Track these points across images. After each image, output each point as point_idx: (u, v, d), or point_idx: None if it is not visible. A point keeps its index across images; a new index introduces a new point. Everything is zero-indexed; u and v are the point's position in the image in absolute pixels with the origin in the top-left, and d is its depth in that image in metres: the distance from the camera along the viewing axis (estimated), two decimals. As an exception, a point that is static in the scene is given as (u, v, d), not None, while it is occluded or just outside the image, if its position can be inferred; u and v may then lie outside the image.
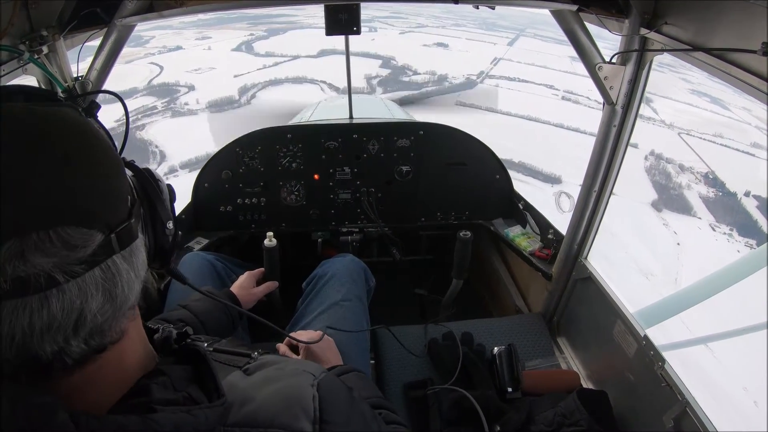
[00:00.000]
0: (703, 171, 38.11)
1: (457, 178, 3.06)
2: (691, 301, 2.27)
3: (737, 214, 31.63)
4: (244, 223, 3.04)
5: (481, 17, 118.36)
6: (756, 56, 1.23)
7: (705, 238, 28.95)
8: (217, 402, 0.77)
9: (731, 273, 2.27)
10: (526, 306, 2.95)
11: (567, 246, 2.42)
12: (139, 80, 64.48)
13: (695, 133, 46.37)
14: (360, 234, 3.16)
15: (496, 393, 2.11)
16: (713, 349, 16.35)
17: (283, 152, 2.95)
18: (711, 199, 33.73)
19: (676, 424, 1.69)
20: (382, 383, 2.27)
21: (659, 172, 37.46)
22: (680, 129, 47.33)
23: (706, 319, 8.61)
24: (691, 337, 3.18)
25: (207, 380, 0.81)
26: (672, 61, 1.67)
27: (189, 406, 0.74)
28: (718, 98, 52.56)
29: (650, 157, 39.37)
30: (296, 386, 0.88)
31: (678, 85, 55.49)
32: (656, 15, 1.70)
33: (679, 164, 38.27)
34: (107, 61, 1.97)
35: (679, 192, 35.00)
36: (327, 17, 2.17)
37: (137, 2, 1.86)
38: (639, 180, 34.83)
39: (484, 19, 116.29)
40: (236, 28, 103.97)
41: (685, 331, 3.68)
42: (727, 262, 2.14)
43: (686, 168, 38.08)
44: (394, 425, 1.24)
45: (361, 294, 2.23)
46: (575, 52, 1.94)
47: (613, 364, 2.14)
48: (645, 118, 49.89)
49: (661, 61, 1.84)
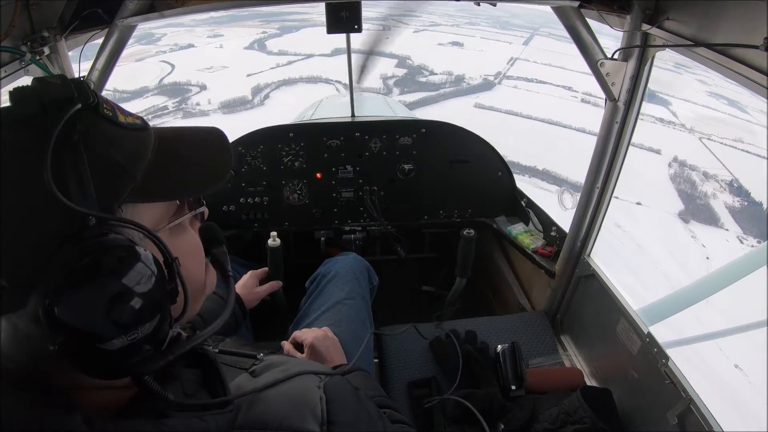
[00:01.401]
0: (727, 179, 37.60)
1: (460, 175, 3.06)
2: (694, 298, 2.27)
3: (763, 224, 31.31)
4: (247, 223, 3.04)
5: (494, 16, 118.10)
6: (758, 52, 1.22)
7: (734, 251, 28.36)
8: (226, 408, 0.78)
9: (734, 270, 2.27)
10: (529, 304, 2.95)
11: (570, 243, 2.42)
12: (150, 79, 63.98)
13: (716, 138, 45.68)
14: (363, 232, 3.16)
15: (500, 391, 2.10)
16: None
17: (285, 151, 2.95)
18: (737, 209, 33.48)
19: (680, 421, 1.69)
20: (386, 382, 2.27)
21: (684, 180, 37.04)
22: (701, 134, 46.61)
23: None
24: (696, 334, 3.16)
25: (216, 385, 0.82)
26: (687, 62, 1.66)
27: (200, 412, 0.74)
28: (736, 101, 51.90)
29: (674, 164, 39.01)
30: (303, 388, 0.89)
31: (695, 87, 54.77)
32: (658, 11, 1.69)
33: (703, 172, 37.79)
34: (109, 62, 1.98)
35: (705, 201, 34.60)
36: (328, 15, 2.17)
37: (138, 2, 1.86)
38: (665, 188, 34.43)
39: (497, 17, 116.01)
40: (249, 25, 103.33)
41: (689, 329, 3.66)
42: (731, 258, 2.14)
43: (711, 176, 37.60)
44: (399, 425, 1.24)
45: (364, 292, 2.23)
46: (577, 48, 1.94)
47: (617, 361, 2.14)
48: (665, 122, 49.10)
49: (678, 62, 1.83)
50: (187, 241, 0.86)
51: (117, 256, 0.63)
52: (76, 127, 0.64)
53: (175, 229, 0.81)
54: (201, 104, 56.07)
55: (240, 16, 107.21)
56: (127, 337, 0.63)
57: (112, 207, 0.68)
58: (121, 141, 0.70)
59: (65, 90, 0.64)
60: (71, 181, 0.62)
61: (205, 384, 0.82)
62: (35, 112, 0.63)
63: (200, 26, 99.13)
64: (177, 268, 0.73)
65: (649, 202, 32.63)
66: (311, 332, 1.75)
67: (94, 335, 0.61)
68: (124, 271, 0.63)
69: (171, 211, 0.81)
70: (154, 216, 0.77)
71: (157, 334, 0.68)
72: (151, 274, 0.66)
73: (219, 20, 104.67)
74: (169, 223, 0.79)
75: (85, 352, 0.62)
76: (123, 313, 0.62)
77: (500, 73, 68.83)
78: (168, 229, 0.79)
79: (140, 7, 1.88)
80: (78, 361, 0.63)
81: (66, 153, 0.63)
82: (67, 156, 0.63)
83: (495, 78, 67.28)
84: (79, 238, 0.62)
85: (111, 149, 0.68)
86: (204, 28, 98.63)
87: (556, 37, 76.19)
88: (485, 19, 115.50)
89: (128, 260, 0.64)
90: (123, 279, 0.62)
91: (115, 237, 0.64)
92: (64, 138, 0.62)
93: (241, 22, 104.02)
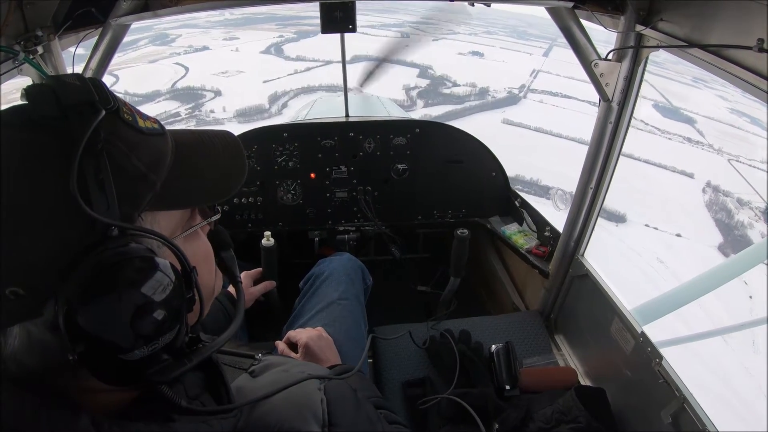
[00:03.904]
0: (761, 206, 36.92)
1: (454, 175, 3.06)
2: (688, 297, 2.28)
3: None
4: (241, 223, 3.04)
5: (510, 25, 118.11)
6: (752, 53, 1.23)
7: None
8: (230, 413, 0.79)
9: (728, 270, 2.28)
10: (523, 303, 2.96)
11: (564, 243, 2.43)
12: (163, 82, 62.45)
13: (744, 160, 44.83)
14: (357, 233, 3.15)
15: (494, 391, 2.11)
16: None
17: (280, 151, 2.94)
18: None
19: (674, 420, 1.70)
20: (380, 382, 2.27)
21: (719, 207, 36.14)
22: (729, 155, 45.88)
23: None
24: (689, 333, 3.18)
25: (219, 388, 0.82)
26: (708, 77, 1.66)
27: (205, 416, 0.75)
28: (757, 118, 51.31)
29: (708, 189, 38.12)
30: (304, 390, 0.89)
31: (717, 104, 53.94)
32: (652, 11, 1.70)
33: (737, 198, 37.10)
34: (102, 61, 1.96)
35: (742, 232, 33.79)
36: (322, 15, 2.17)
37: (132, 1, 1.85)
38: (701, 218, 33.69)
39: (513, 27, 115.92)
40: (265, 29, 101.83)
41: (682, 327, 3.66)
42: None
43: (745, 203, 36.81)
44: (395, 425, 1.24)
45: (358, 293, 2.24)
46: (571, 49, 1.94)
47: (611, 361, 2.15)
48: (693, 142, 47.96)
49: (697, 77, 1.83)
50: (200, 247, 0.85)
51: (140, 267, 0.63)
52: (100, 134, 0.62)
53: (189, 235, 0.80)
54: (215, 111, 54.46)
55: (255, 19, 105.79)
56: (148, 348, 0.64)
57: (133, 216, 0.67)
58: (141, 147, 0.68)
59: (86, 92, 0.63)
60: (94, 190, 0.61)
61: (208, 386, 0.82)
62: (54, 115, 0.61)
63: (216, 28, 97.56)
64: (195, 277, 0.73)
65: (688, 234, 31.75)
66: (305, 332, 1.75)
67: (116, 346, 0.61)
68: (148, 282, 0.63)
69: (186, 218, 0.80)
70: (171, 223, 0.76)
71: (175, 343, 0.68)
72: (172, 285, 0.66)
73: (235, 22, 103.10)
74: (183, 231, 0.79)
75: (105, 363, 0.62)
76: (146, 324, 0.63)
77: (524, 86, 68.06)
78: (182, 237, 0.78)
79: (134, 7, 1.87)
80: (96, 370, 0.63)
81: (89, 160, 0.61)
82: (90, 163, 0.61)
83: (519, 91, 66.44)
84: (101, 249, 0.61)
85: (132, 156, 0.67)
86: (219, 30, 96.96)
87: (575, 48, 76.59)
88: (502, 29, 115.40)
89: (151, 272, 0.63)
90: (146, 290, 0.62)
91: (137, 247, 0.64)
92: (88, 145, 0.61)
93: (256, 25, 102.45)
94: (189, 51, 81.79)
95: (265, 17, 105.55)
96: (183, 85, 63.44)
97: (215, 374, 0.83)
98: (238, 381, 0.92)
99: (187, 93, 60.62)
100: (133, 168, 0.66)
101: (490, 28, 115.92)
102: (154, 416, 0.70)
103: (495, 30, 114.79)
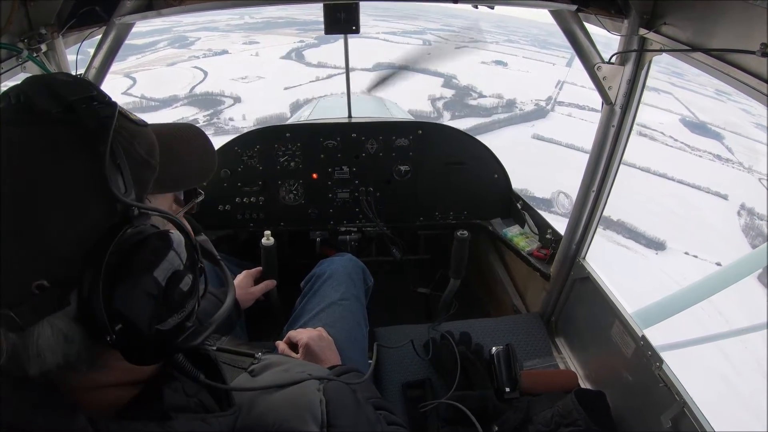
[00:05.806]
0: None
1: (456, 177, 3.06)
2: (689, 301, 2.27)
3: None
4: (243, 222, 3.04)
5: (531, 33, 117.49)
6: (755, 57, 1.23)
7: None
8: (229, 411, 0.80)
9: (729, 274, 2.28)
10: (524, 306, 2.95)
11: (565, 246, 2.42)
12: (181, 86, 61.36)
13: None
14: (358, 233, 3.16)
15: (494, 393, 2.10)
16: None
17: (282, 151, 2.95)
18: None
19: (674, 424, 1.69)
20: (380, 383, 2.27)
21: (756, 233, 35.08)
22: (760, 174, 44.96)
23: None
24: (690, 337, 3.18)
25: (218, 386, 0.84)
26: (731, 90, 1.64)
27: (203, 414, 0.76)
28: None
29: (743, 212, 37.05)
30: (303, 390, 0.90)
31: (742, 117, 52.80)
32: (655, 15, 1.70)
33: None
34: (106, 60, 1.97)
35: None
36: (326, 16, 2.17)
37: (136, 0, 1.86)
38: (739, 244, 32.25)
39: (534, 35, 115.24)
40: (285, 33, 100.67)
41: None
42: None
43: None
44: (394, 426, 1.24)
45: (359, 293, 2.23)
46: (574, 52, 1.94)
47: (611, 364, 2.14)
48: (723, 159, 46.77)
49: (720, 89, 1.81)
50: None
51: (166, 242, 0.69)
52: (114, 124, 0.67)
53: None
54: (235, 119, 53.49)
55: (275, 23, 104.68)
56: (179, 315, 0.70)
57: (142, 198, 0.72)
58: (140, 136, 0.73)
59: (85, 88, 0.68)
60: (115, 175, 0.65)
61: (206, 384, 0.82)
62: (60, 110, 0.64)
63: (235, 31, 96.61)
64: (199, 249, 0.79)
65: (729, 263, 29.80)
66: (306, 332, 1.75)
67: (156, 315, 0.67)
68: (174, 254, 0.70)
69: (170, 201, 0.86)
70: (165, 205, 0.81)
71: (194, 310, 0.74)
72: (188, 255, 0.73)
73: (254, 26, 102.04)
74: (177, 213, 0.84)
75: (141, 337, 0.65)
76: (177, 292, 0.69)
77: (551, 98, 67.32)
78: (180, 215, 0.84)
79: (138, 6, 1.88)
80: (130, 348, 0.66)
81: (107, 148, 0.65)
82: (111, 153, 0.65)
83: (547, 104, 65.60)
84: (128, 228, 0.65)
85: (135, 144, 0.70)
86: (239, 33, 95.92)
87: (598, 60, 75.71)
88: (523, 37, 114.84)
89: (175, 245, 0.70)
90: (174, 261, 0.69)
91: (152, 226, 0.71)
92: (106, 134, 0.65)
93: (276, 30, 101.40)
94: (208, 54, 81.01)
95: (285, 21, 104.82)
96: (201, 90, 62.59)
97: (214, 372, 0.84)
98: (238, 380, 0.92)
99: (206, 99, 59.83)
100: (138, 155, 0.71)
101: (511, 36, 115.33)
102: (152, 415, 0.71)
103: (516, 38, 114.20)
